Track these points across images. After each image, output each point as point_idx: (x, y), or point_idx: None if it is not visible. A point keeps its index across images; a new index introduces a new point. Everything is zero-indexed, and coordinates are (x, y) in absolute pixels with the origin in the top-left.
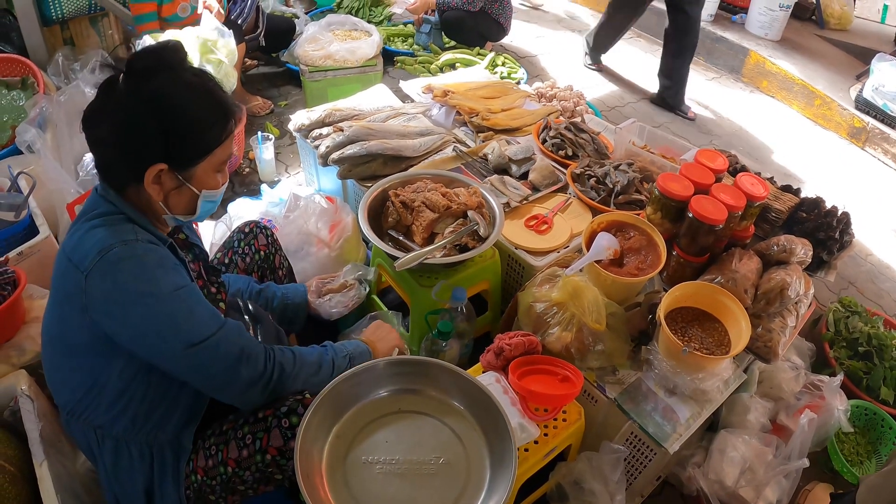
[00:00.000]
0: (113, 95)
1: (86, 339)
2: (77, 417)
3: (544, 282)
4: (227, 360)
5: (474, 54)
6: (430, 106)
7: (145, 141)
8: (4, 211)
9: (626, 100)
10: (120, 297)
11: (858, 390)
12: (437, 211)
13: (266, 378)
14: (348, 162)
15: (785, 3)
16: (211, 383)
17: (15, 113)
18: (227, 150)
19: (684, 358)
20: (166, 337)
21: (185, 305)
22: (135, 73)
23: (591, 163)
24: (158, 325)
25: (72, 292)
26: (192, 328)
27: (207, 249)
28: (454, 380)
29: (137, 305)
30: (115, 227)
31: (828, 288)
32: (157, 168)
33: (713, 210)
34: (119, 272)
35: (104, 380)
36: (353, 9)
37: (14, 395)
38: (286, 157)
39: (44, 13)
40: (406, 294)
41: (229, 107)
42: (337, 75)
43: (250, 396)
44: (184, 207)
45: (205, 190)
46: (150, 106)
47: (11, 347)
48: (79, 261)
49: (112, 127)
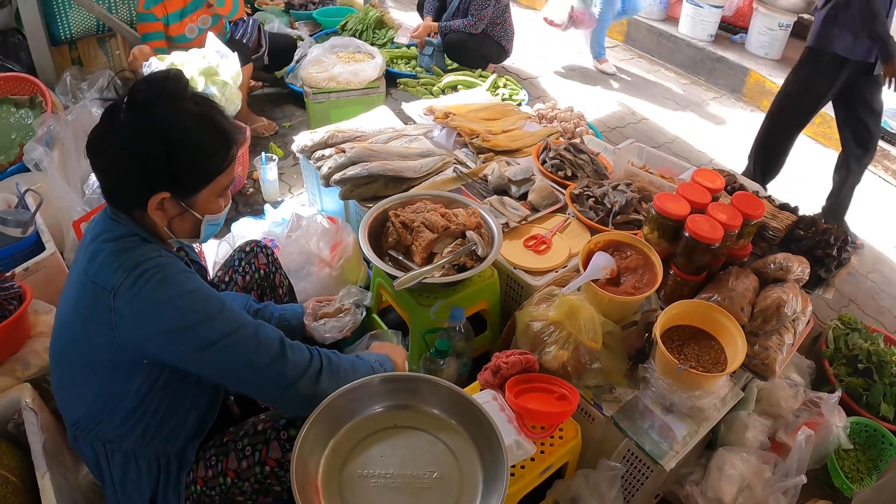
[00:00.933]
0: (116, 124)
1: (109, 355)
2: (87, 432)
3: (542, 301)
4: (272, 346)
5: (476, 76)
6: (432, 127)
7: (148, 170)
8: (11, 227)
9: (626, 120)
10: (150, 308)
11: (858, 407)
12: (436, 231)
13: (316, 366)
14: (350, 183)
15: (785, 23)
16: (261, 375)
17: (23, 131)
18: (229, 177)
19: (680, 376)
20: (201, 331)
21: (215, 299)
22: (137, 104)
23: (589, 183)
24: (192, 321)
25: (97, 312)
26: (226, 318)
27: (210, 268)
28: (448, 396)
29: (168, 309)
30: (136, 249)
31: (828, 305)
32: (161, 196)
33: (709, 229)
34: (146, 285)
35: (121, 395)
36: (357, 31)
37: (18, 408)
38: (289, 178)
39: (52, 33)
40: (405, 313)
41: (231, 134)
42: (340, 97)
43: (302, 387)
44: (187, 232)
45: (208, 215)
46: (152, 136)
47: (16, 361)
48: (104, 282)
49: (115, 156)
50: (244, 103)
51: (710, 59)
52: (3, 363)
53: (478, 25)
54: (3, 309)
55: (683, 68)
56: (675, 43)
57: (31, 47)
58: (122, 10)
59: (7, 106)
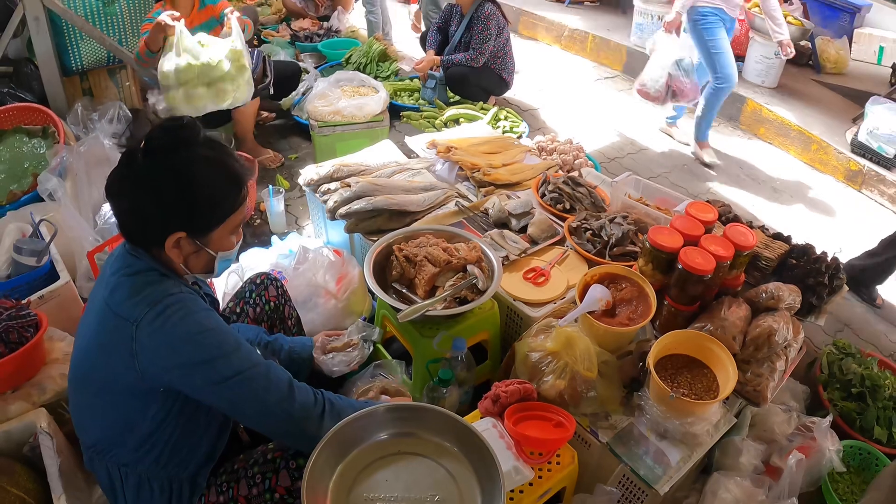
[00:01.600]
0: (134, 169)
1: (127, 383)
2: (103, 455)
3: (540, 332)
4: (281, 387)
5: (478, 109)
6: (434, 161)
7: (165, 213)
8: (27, 256)
9: (625, 150)
10: (170, 341)
11: (852, 431)
12: (439, 265)
13: (320, 407)
14: (355, 216)
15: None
16: (268, 412)
17: (36, 160)
18: (240, 215)
19: (673, 403)
20: (218, 366)
21: (232, 337)
22: (154, 150)
23: (587, 216)
24: (209, 356)
25: (118, 341)
26: (241, 356)
27: (220, 298)
28: (449, 424)
29: (189, 344)
30: (157, 284)
31: (823, 331)
32: (177, 236)
33: (701, 261)
34: (168, 319)
35: (136, 421)
36: (361, 64)
37: (34, 432)
38: (296, 209)
39: (64, 64)
40: (409, 344)
41: (242, 176)
42: (345, 130)
43: (306, 427)
44: (202, 268)
45: (221, 251)
46: (169, 181)
47: (32, 386)
48: (127, 313)
49: (134, 199)
50: (252, 136)
51: None
52: (20, 388)
53: (479, 59)
54: (21, 336)
55: None
56: None
57: (44, 77)
58: (133, 43)
59: (20, 135)
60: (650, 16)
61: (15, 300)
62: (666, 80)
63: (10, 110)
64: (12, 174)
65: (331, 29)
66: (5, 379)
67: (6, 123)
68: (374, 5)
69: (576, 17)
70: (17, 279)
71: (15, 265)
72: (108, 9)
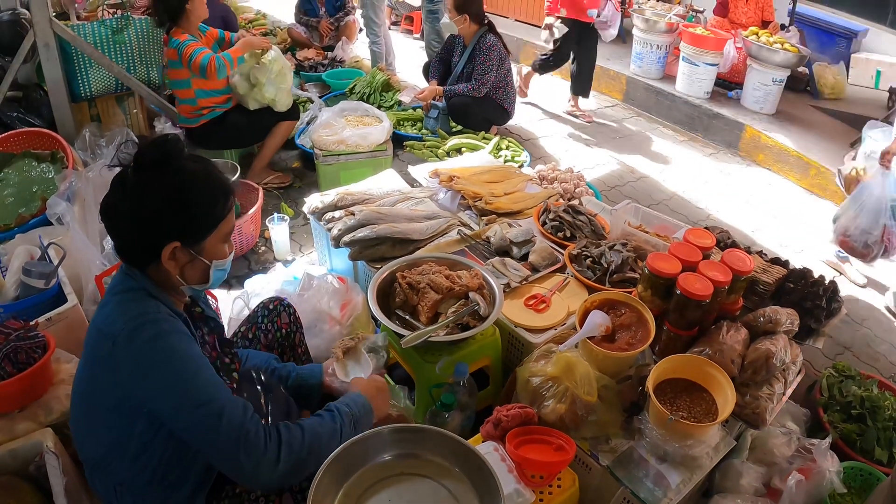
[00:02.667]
0: (126, 188)
1: (113, 400)
2: (100, 472)
3: (540, 357)
4: (231, 430)
5: (479, 138)
6: (437, 190)
7: (159, 226)
8: (35, 279)
9: (625, 179)
10: (142, 360)
11: (853, 452)
12: (441, 292)
13: (270, 457)
14: (359, 244)
15: (778, 78)
16: (219, 455)
17: (44, 185)
18: (230, 223)
19: (672, 426)
20: (177, 393)
21: (193, 368)
22: (143, 167)
23: (587, 243)
24: (171, 382)
25: (102, 358)
26: (198, 388)
27: (226, 323)
28: (451, 445)
29: (155, 366)
30: (139, 303)
31: (823, 354)
32: (172, 246)
33: (700, 286)
34: (142, 339)
35: (125, 439)
36: (365, 94)
37: (40, 451)
38: (300, 237)
39: (73, 90)
40: (412, 369)
41: (227, 184)
42: (349, 159)
43: (261, 477)
44: (198, 278)
45: (215, 260)
46: (160, 192)
47: (39, 407)
48: (108, 330)
49: (128, 215)
50: (267, 161)
51: (707, 116)
52: (27, 408)
53: (481, 90)
54: (29, 356)
55: (681, 125)
56: (673, 101)
57: (52, 103)
58: (140, 71)
59: (29, 160)
60: (649, 45)
61: (23, 321)
62: (882, 231)
63: (19, 135)
64: (21, 197)
65: (335, 59)
66: (13, 398)
67: (16, 147)
68: (378, 36)
69: None
70: (26, 301)
71: (23, 287)
72: (116, 37)
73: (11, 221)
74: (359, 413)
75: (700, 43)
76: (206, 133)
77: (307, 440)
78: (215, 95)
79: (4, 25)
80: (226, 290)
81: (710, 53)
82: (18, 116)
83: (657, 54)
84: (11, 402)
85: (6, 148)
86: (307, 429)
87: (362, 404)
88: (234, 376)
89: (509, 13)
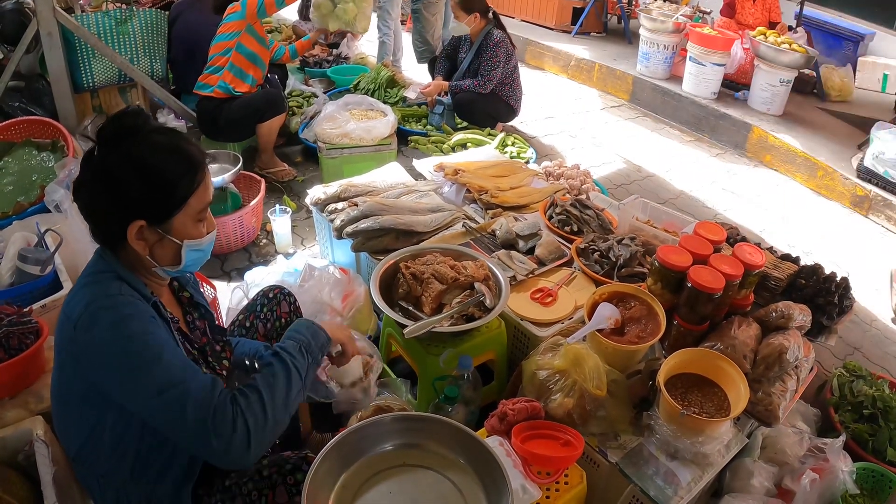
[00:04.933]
0: (92, 164)
1: (81, 390)
2: (82, 464)
3: (547, 350)
4: (198, 412)
5: (485, 135)
6: (442, 184)
7: (122, 202)
8: (31, 265)
9: (632, 177)
10: (99, 345)
11: (865, 453)
12: (446, 283)
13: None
14: (362, 236)
15: (786, 79)
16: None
17: (44, 173)
18: (201, 200)
19: (683, 422)
20: (138, 380)
21: (155, 353)
22: (105, 142)
23: (595, 238)
24: (131, 369)
25: (66, 344)
26: (161, 373)
27: (224, 314)
28: (456, 435)
29: (114, 354)
30: (102, 284)
31: (833, 354)
32: (137, 225)
33: (711, 279)
34: (99, 322)
35: (100, 431)
36: (370, 90)
37: (29, 440)
38: (302, 230)
39: (76, 81)
40: (415, 361)
41: (196, 158)
42: (353, 153)
43: (233, 454)
44: (170, 259)
45: (187, 240)
46: (122, 167)
47: (30, 394)
48: (70, 314)
49: (92, 194)
50: (271, 149)
51: (714, 116)
52: (18, 395)
53: (487, 86)
54: (21, 343)
55: (687, 125)
56: (679, 101)
57: (55, 93)
58: (144, 62)
59: (29, 148)
60: (656, 45)
61: (17, 307)
62: None
63: (20, 123)
64: (20, 186)
65: (340, 55)
66: (4, 385)
67: (17, 136)
68: (390, 28)
69: (582, 47)
70: (21, 287)
71: (19, 273)
72: (120, 28)
73: (9, 209)
74: (305, 337)
75: (707, 43)
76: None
77: (266, 399)
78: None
79: (8, 14)
80: (226, 281)
81: (718, 53)
82: (20, 106)
83: (664, 54)
84: (2, 389)
85: (7, 136)
86: (261, 386)
87: (306, 327)
88: (224, 364)
89: (515, 13)
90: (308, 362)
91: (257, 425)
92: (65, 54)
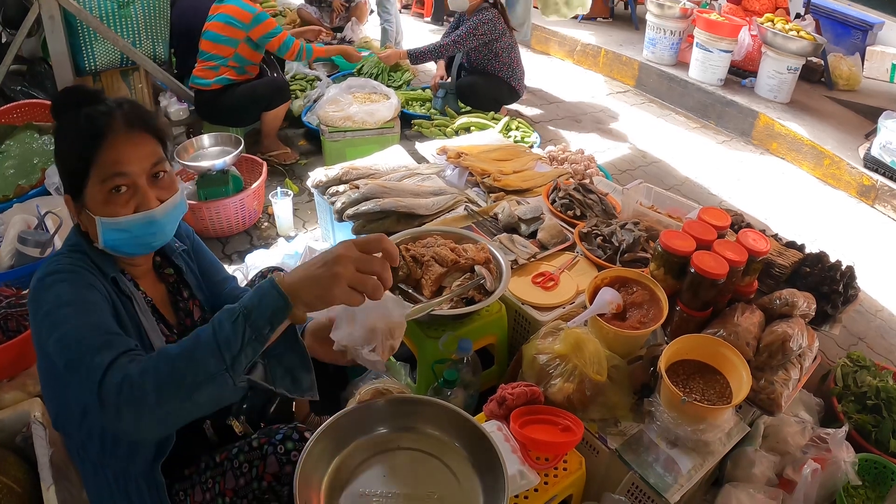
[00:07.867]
0: None
1: (42, 363)
2: (67, 438)
3: (548, 334)
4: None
5: (489, 118)
6: (444, 167)
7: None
8: (31, 247)
9: (636, 163)
10: (33, 313)
11: (867, 444)
12: (446, 265)
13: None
14: (363, 218)
15: (793, 66)
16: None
17: (45, 156)
18: (110, 167)
19: (685, 408)
20: (41, 329)
21: (64, 299)
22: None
23: (598, 222)
24: (36, 311)
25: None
26: (86, 337)
27: None
28: (452, 419)
29: (30, 299)
30: (57, 256)
31: (837, 344)
32: (67, 198)
33: (714, 265)
34: (37, 291)
35: (66, 401)
36: (374, 74)
37: (27, 422)
38: (303, 213)
39: (78, 64)
40: (414, 345)
41: (97, 118)
42: (355, 136)
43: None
44: (96, 236)
45: (100, 217)
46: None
47: (28, 376)
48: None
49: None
50: (275, 134)
51: (720, 103)
52: (16, 378)
53: (446, 49)
54: (20, 324)
55: (693, 112)
56: (686, 87)
57: (57, 77)
58: (146, 45)
59: (31, 132)
60: (663, 31)
61: (16, 289)
62: None
63: (22, 106)
64: (21, 169)
65: (344, 39)
66: (2, 367)
67: (18, 119)
68: (391, 14)
69: (588, 32)
70: (20, 269)
71: (19, 256)
72: (122, 11)
73: (10, 192)
74: (250, 302)
75: (715, 29)
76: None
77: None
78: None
79: None
80: (227, 264)
81: (725, 40)
82: (22, 90)
83: (670, 40)
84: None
85: (9, 120)
86: (161, 359)
87: (259, 288)
88: None
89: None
90: (242, 337)
91: (141, 402)
92: (67, 37)
